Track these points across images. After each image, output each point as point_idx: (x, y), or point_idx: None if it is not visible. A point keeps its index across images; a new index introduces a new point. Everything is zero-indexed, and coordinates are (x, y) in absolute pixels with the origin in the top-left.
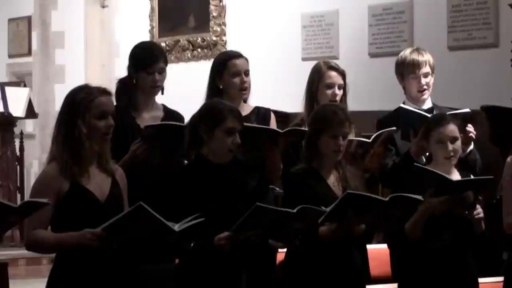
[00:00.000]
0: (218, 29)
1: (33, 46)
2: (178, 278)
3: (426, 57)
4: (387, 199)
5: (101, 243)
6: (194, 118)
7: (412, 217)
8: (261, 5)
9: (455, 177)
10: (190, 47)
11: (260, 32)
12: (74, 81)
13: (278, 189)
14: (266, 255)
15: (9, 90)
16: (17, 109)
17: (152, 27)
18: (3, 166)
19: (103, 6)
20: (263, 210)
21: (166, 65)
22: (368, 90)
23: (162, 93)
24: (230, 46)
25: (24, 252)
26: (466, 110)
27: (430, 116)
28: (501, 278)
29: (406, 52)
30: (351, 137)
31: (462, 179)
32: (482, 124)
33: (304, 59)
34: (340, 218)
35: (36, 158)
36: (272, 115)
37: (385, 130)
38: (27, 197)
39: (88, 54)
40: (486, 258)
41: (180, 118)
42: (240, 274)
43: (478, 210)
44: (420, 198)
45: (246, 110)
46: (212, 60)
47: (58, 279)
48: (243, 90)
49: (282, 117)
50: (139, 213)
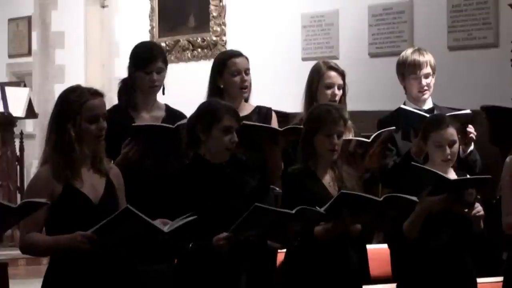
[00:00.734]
0: (218, 29)
1: (33, 46)
2: (177, 279)
3: (427, 57)
4: (382, 199)
5: (92, 245)
6: (191, 118)
7: (409, 216)
8: (261, 5)
9: (452, 176)
10: (190, 47)
11: (260, 32)
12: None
13: (278, 189)
14: (266, 256)
15: (9, 90)
16: (17, 109)
17: (152, 27)
18: (3, 166)
19: (103, 6)
20: (262, 211)
21: (166, 65)
22: (368, 90)
23: (163, 93)
24: (230, 46)
25: None
26: (467, 112)
27: (427, 116)
28: (500, 278)
29: (408, 52)
30: (351, 136)
31: (460, 178)
32: (482, 124)
33: (304, 59)
34: (334, 217)
35: (36, 158)
36: (273, 115)
37: (384, 129)
38: None
39: (88, 54)
40: (485, 258)
41: (182, 117)
42: (239, 275)
43: (478, 209)
44: (414, 199)
45: (247, 109)
46: (212, 60)
47: (53, 280)
48: (244, 88)
49: (282, 117)
50: (127, 216)
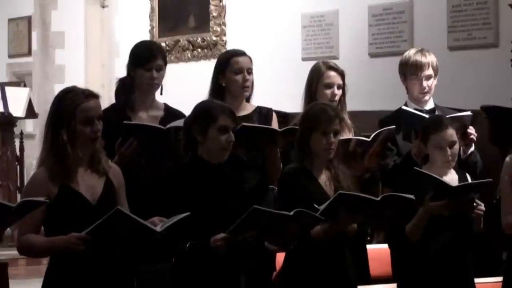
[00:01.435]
0: (218, 29)
1: (33, 46)
2: (174, 279)
3: (430, 58)
4: (379, 199)
5: (87, 247)
6: (187, 120)
7: (412, 220)
8: (261, 5)
9: (452, 177)
10: (190, 47)
11: (260, 32)
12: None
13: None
14: (264, 257)
15: (9, 90)
16: (17, 109)
17: (152, 27)
18: (3, 166)
19: (103, 6)
20: (260, 213)
21: (165, 64)
22: (368, 90)
23: (161, 93)
24: (230, 46)
25: None
26: (467, 113)
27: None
28: (500, 278)
29: (411, 52)
30: (351, 136)
31: (461, 184)
32: (482, 124)
33: (304, 59)
34: (332, 218)
35: (36, 158)
36: (274, 115)
37: (384, 129)
38: None
39: (88, 54)
40: (485, 258)
41: (181, 117)
42: (236, 276)
43: (480, 207)
44: (411, 197)
45: (248, 109)
46: (212, 60)
47: (53, 280)
48: (245, 87)
49: (282, 117)
50: (118, 217)
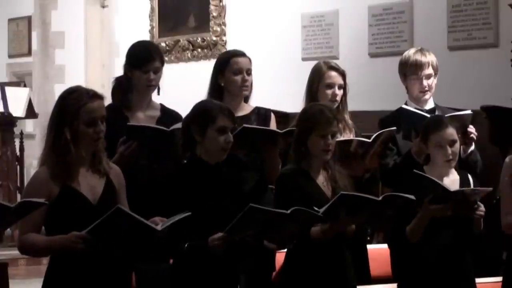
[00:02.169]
0: (218, 29)
1: (33, 46)
2: (173, 279)
3: (430, 58)
4: (380, 199)
5: (87, 246)
6: (185, 120)
7: (411, 220)
8: (261, 5)
9: (454, 177)
10: (190, 47)
11: (260, 32)
12: (74, 81)
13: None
14: (264, 257)
15: (9, 90)
16: (17, 109)
17: (152, 27)
18: (3, 166)
19: (103, 6)
20: (257, 211)
21: (163, 65)
22: (368, 90)
23: (158, 93)
24: (230, 46)
25: None
26: (467, 112)
27: (428, 117)
28: (500, 278)
29: (410, 52)
30: (351, 136)
31: (461, 189)
32: (482, 124)
33: (304, 59)
34: (332, 218)
35: (36, 158)
36: (272, 116)
37: (385, 130)
38: None
39: (88, 54)
40: (485, 258)
41: (178, 118)
42: (235, 275)
43: (481, 208)
44: (412, 197)
45: (246, 109)
46: (212, 60)
47: (53, 280)
48: (244, 88)
49: (282, 117)
50: (118, 216)
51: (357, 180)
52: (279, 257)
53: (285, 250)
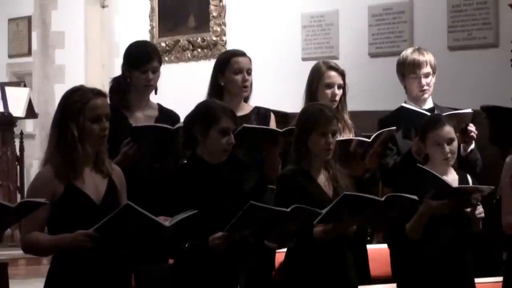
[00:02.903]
0: (218, 29)
1: (33, 46)
2: (174, 279)
3: (427, 57)
4: (383, 199)
5: (94, 244)
6: (188, 118)
7: (412, 218)
8: (261, 5)
9: (453, 177)
10: (190, 47)
11: (260, 32)
12: (74, 81)
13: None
14: (264, 257)
15: (9, 90)
16: (17, 109)
17: (152, 27)
18: (3, 166)
19: (103, 6)
20: (257, 209)
21: (160, 64)
22: (368, 90)
23: (156, 93)
24: (230, 46)
25: None
26: (467, 110)
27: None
28: (500, 278)
29: (408, 51)
30: (351, 136)
31: (462, 186)
32: (482, 124)
33: (304, 59)
34: (335, 219)
35: (36, 158)
36: (272, 115)
37: (385, 129)
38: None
39: (88, 54)
40: (485, 258)
41: (175, 117)
42: (236, 274)
43: (480, 210)
44: (415, 198)
45: (246, 109)
46: (212, 60)
47: (55, 279)
48: (244, 88)
49: (282, 117)
50: (128, 212)
51: (357, 180)
52: (279, 256)
53: (285, 249)
